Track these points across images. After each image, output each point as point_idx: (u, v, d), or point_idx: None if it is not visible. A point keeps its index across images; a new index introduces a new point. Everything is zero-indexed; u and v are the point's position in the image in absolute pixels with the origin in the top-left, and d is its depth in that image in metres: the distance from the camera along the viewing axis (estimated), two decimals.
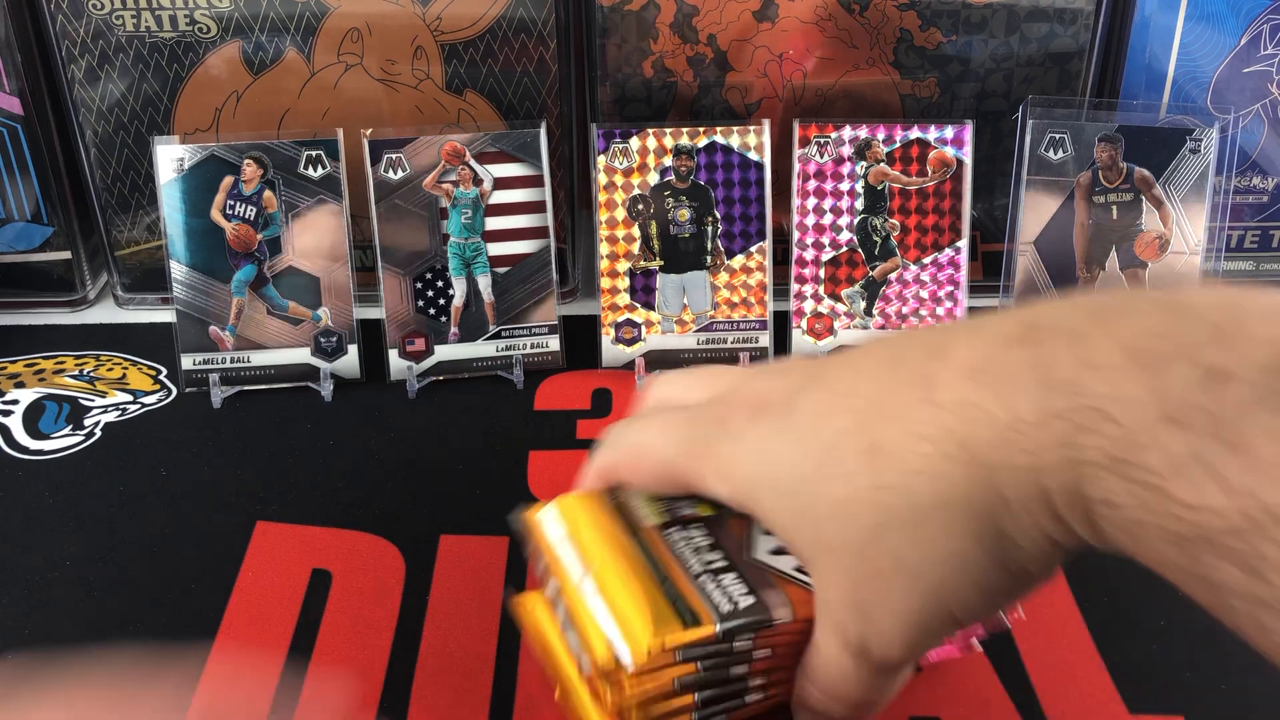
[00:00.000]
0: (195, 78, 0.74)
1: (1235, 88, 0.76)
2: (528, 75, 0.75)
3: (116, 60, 0.74)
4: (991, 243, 0.79)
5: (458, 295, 0.73)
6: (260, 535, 0.61)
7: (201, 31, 0.73)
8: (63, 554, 0.60)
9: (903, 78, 0.76)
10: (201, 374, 0.72)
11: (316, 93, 0.75)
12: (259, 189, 0.71)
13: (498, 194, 0.73)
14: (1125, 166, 0.71)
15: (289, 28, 0.73)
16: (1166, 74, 0.76)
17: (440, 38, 0.74)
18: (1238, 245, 0.81)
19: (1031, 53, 0.75)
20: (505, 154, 0.73)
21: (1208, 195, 0.70)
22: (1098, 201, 0.72)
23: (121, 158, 0.76)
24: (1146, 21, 0.75)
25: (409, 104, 0.76)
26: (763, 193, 0.73)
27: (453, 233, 0.73)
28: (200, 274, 0.72)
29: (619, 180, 0.72)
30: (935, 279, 0.73)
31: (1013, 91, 0.76)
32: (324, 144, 0.71)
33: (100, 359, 0.76)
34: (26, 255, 0.79)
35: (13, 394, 0.72)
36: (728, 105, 0.77)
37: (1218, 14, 0.74)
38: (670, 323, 0.74)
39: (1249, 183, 0.79)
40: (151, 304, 0.80)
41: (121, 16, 0.72)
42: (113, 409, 0.71)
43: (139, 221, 0.78)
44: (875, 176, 0.73)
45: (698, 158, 0.72)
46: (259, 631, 0.55)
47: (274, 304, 0.72)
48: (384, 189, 0.72)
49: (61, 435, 0.69)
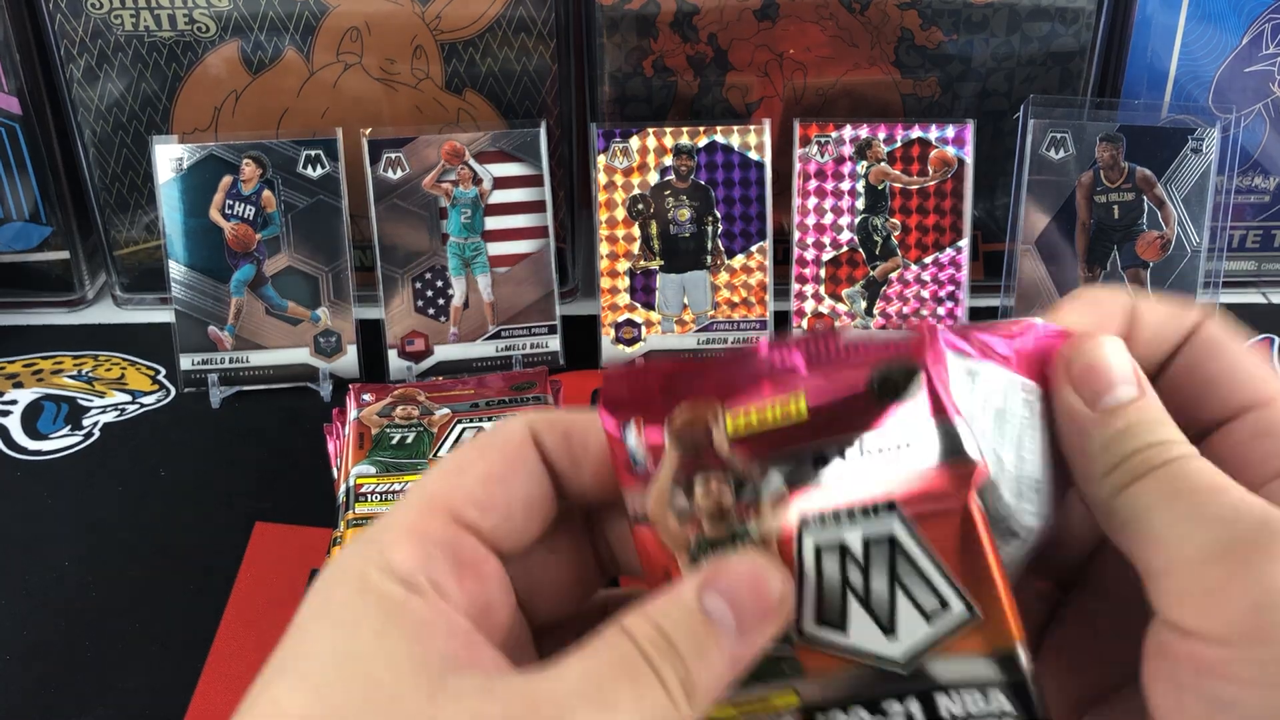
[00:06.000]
0: (194, 77, 0.74)
1: (1237, 87, 0.76)
2: (527, 74, 0.75)
3: (115, 60, 0.73)
4: (993, 242, 0.79)
5: (457, 295, 0.73)
6: (259, 535, 0.61)
7: (200, 31, 0.73)
8: (61, 554, 0.60)
9: (904, 77, 0.76)
10: (200, 374, 0.72)
11: (315, 92, 0.75)
12: (258, 189, 0.71)
13: (497, 193, 0.73)
14: (1127, 166, 0.71)
15: (288, 27, 0.73)
16: (1168, 73, 0.76)
17: (440, 37, 0.74)
18: (1239, 245, 0.81)
19: (1033, 52, 0.75)
20: (505, 154, 0.72)
21: (1209, 195, 0.70)
22: (1099, 201, 0.71)
23: (120, 157, 0.76)
24: (1148, 21, 0.75)
25: (408, 103, 0.76)
26: (763, 192, 0.73)
27: (452, 232, 0.72)
28: (199, 274, 0.71)
29: (619, 180, 0.72)
30: (936, 279, 0.73)
31: (1014, 91, 0.76)
32: (323, 144, 0.71)
33: (99, 359, 0.75)
34: (25, 255, 0.79)
35: (11, 394, 0.72)
36: (728, 105, 0.77)
37: (1219, 13, 0.74)
38: (670, 322, 0.74)
39: (1250, 182, 0.79)
40: (150, 304, 0.80)
41: (120, 16, 0.72)
42: (111, 409, 0.71)
43: (138, 221, 0.78)
44: (876, 176, 0.73)
45: (698, 157, 0.72)
46: (258, 632, 0.55)
47: (273, 304, 0.72)
48: (383, 189, 0.72)
49: (60, 435, 0.69)
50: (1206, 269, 0.71)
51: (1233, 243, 0.80)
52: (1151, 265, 0.71)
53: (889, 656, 0.30)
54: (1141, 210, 0.71)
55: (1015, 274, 0.73)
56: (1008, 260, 0.73)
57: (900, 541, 0.30)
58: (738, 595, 0.30)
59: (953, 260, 0.73)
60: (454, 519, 0.31)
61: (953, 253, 0.73)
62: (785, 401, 0.31)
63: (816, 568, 0.31)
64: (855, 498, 0.30)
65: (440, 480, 0.32)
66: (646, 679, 0.28)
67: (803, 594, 0.31)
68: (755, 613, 0.30)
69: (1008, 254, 0.73)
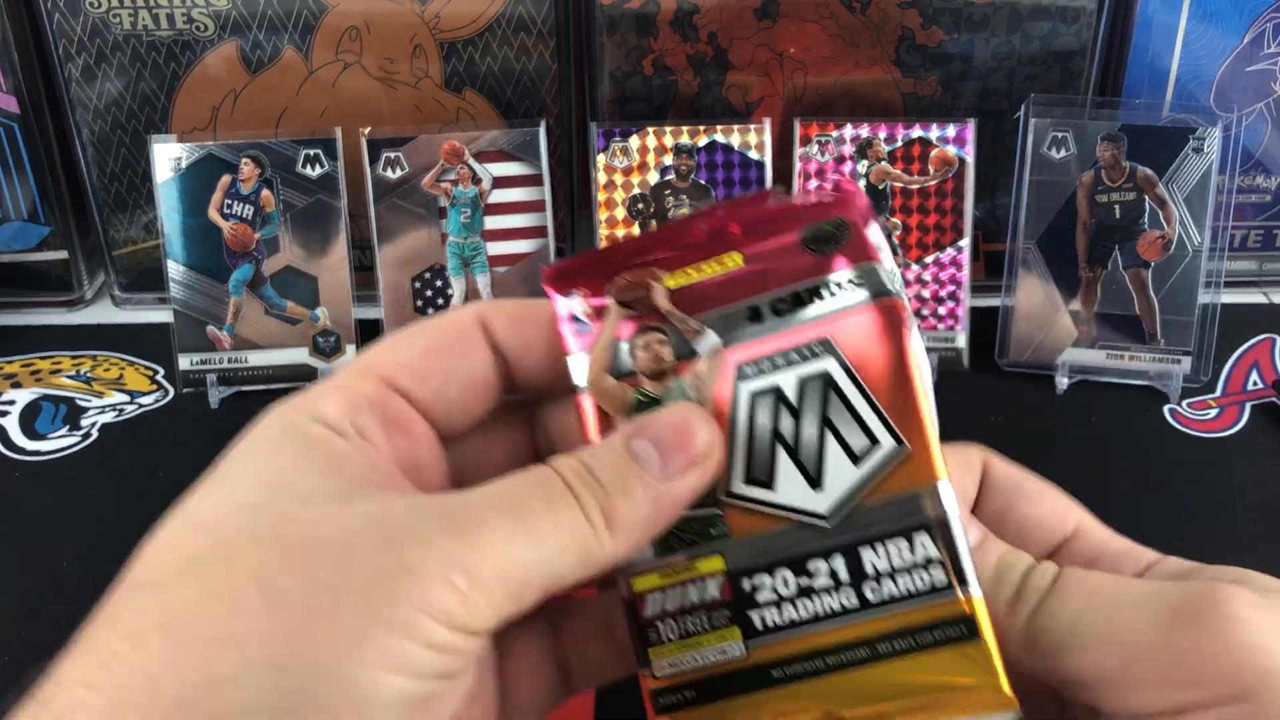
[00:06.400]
0: (193, 76, 0.74)
1: (1238, 86, 0.76)
2: (527, 74, 0.75)
3: (114, 59, 0.73)
4: (993, 242, 0.79)
5: (456, 295, 0.73)
6: None
7: (199, 30, 0.73)
8: (59, 555, 0.60)
9: (904, 76, 0.75)
10: (199, 374, 0.71)
11: (315, 91, 0.75)
12: (257, 188, 0.71)
13: (497, 193, 0.73)
14: (1128, 165, 0.71)
15: (287, 26, 0.73)
16: (1169, 72, 0.76)
17: (439, 36, 0.74)
18: (1240, 244, 0.81)
19: (1034, 51, 0.75)
20: (504, 153, 0.72)
21: (1210, 194, 0.70)
22: (1100, 201, 0.71)
23: (119, 157, 0.76)
24: (1149, 20, 0.75)
25: (408, 103, 0.76)
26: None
27: (451, 232, 0.72)
28: (198, 273, 0.71)
29: (619, 179, 0.72)
30: (937, 279, 0.73)
31: (1015, 90, 0.76)
32: (322, 143, 0.71)
33: (97, 359, 0.75)
34: (23, 254, 0.79)
35: (9, 394, 0.72)
36: (728, 104, 0.76)
37: (1220, 12, 0.74)
38: None
39: (1252, 182, 0.79)
40: (149, 304, 0.80)
41: (119, 15, 0.72)
42: (110, 409, 0.71)
43: (136, 221, 0.78)
44: (877, 175, 0.72)
45: (698, 157, 0.72)
46: None
47: (272, 303, 0.72)
48: (382, 188, 0.71)
49: (58, 436, 0.68)
50: (1208, 268, 0.71)
51: (1234, 242, 0.80)
52: (1153, 265, 0.71)
53: (815, 511, 0.31)
54: (1143, 210, 0.71)
55: (1016, 274, 0.72)
56: (1008, 260, 0.73)
57: (834, 378, 0.31)
58: (664, 440, 0.30)
59: (953, 260, 0.73)
60: (387, 383, 0.31)
61: (953, 252, 0.73)
62: (721, 260, 0.33)
63: (749, 420, 0.32)
64: (791, 342, 0.32)
65: (378, 351, 0.32)
66: (565, 500, 0.28)
67: (733, 451, 0.32)
68: (681, 457, 0.30)
69: (1008, 254, 0.73)
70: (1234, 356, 0.74)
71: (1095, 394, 0.72)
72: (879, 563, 0.31)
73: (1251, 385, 0.72)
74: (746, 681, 0.31)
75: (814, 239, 0.32)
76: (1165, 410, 0.70)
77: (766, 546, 0.31)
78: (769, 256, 0.32)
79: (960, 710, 0.29)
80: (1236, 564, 0.32)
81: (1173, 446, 0.68)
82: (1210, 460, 0.66)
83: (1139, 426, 0.69)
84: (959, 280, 0.73)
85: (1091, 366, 0.72)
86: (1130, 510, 0.57)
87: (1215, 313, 0.71)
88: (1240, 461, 0.66)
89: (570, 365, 0.33)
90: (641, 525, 0.29)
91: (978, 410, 0.70)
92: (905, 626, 0.30)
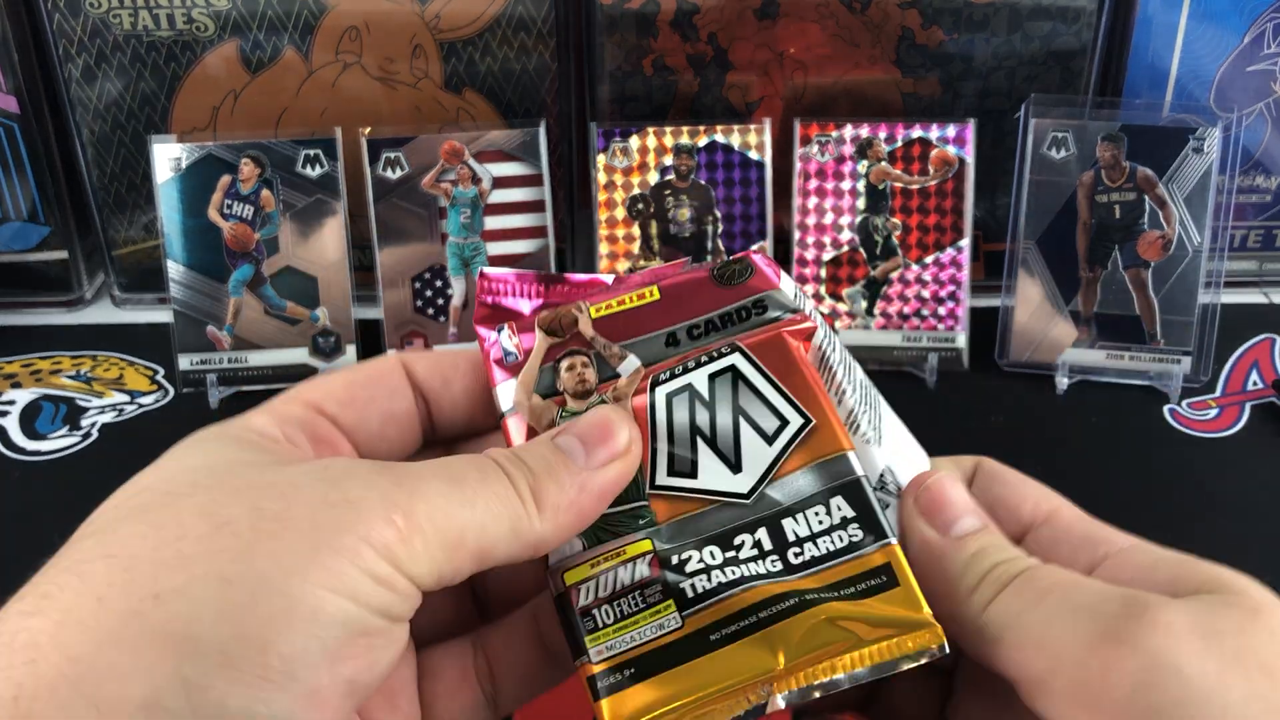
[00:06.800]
0: (193, 76, 0.74)
1: (1238, 86, 0.76)
2: (527, 74, 0.75)
3: (114, 59, 0.73)
4: (994, 242, 0.79)
5: (456, 295, 0.73)
6: None
7: (199, 30, 0.73)
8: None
9: (904, 76, 0.75)
10: (199, 374, 0.71)
11: (314, 92, 0.75)
12: (256, 188, 0.71)
13: (497, 193, 0.73)
14: (1128, 165, 0.71)
15: (287, 26, 0.73)
16: (1169, 72, 0.76)
17: (439, 36, 0.74)
18: (1240, 244, 0.81)
19: (1034, 51, 0.75)
20: (504, 153, 0.72)
21: (1210, 194, 0.70)
22: (1100, 201, 0.71)
23: (119, 157, 0.76)
24: (1149, 20, 0.75)
25: (408, 103, 0.76)
26: (763, 192, 0.72)
27: (451, 232, 0.72)
28: (197, 274, 0.71)
29: (619, 179, 0.72)
30: (937, 279, 0.73)
31: (1015, 90, 0.76)
32: (322, 143, 0.71)
33: (97, 359, 0.75)
34: (23, 255, 0.79)
35: (9, 394, 0.72)
36: (728, 104, 0.76)
37: (1220, 12, 0.74)
38: None
39: (1252, 182, 0.79)
40: (149, 304, 0.80)
41: (119, 15, 0.72)
42: (110, 409, 0.71)
43: (136, 221, 0.78)
44: (877, 175, 0.72)
45: (698, 157, 0.72)
46: None
47: (271, 304, 0.72)
48: (382, 188, 0.71)
49: (58, 436, 0.68)
50: (1208, 268, 0.71)
51: (1234, 242, 0.80)
52: (1153, 265, 0.71)
53: (736, 491, 0.34)
54: (1143, 210, 0.71)
55: (1016, 274, 0.72)
56: (1008, 260, 0.73)
57: (741, 370, 0.35)
58: (588, 436, 0.33)
59: (954, 260, 0.73)
60: (313, 407, 0.34)
61: (954, 252, 0.73)
62: (641, 293, 0.37)
63: (668, 418, 0.35)
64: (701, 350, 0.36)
65: (306, 385, 0.35)
66: (497, 475, 0.31)
67: (655, 449, 0.34)
68: (604, 450, 0.32)
69: (1008, 254, 0.73)
70: (1234, 356, 0.74)
71: (1095, 394, 0.72)
72: (800, 529, 0.33)
73: (1251, 385, 0.72)
74: (685, 650, 0.32)
75: (723, 273, 0.37)
76: (1165, 410, 0.70)
77: (694, 526, 0.34)
78: (684, 289, 0.37)
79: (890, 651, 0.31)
80: (1236, 564, 0.32)
81: (1173, 446, 0.68)
82: (1210, 460, 0.66)
83: (1139, 426, 0.69)
84: (959, 280, 0.73)
85: (1091, 366, 0.72)
86: (1130, 510, 0.57)
87: (1215, 313, 0.71)
88: (1240, 461, 0.66)
89: (497, 394, 0.36)
90: (568, 510, 0.31)
91: (978, 410, 0.70)
92: (831, 583, 0.32)
